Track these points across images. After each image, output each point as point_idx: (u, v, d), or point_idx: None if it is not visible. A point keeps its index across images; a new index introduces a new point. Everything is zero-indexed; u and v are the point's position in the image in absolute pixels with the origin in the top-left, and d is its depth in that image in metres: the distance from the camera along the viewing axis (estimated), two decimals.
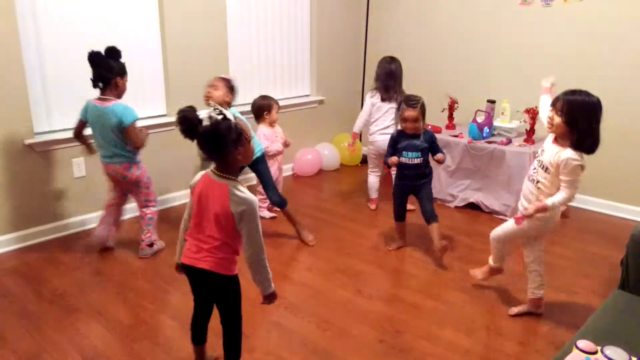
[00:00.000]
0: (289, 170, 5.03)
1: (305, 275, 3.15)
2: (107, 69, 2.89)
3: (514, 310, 2.71)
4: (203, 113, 1.78)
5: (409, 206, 3.98)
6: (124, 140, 2.99)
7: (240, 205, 1.83)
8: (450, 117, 4.47)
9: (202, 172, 1.96)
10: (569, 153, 2.26)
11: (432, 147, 3.26)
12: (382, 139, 3.94)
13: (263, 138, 3.80)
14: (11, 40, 3.13)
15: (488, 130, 4.15)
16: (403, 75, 3.99)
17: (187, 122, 1.77)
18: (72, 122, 3.16)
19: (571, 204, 4.17)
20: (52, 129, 3.46)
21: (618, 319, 1.93)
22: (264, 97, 3.89)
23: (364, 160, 5.28)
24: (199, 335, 2.16)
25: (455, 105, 4.41)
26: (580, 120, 2.22)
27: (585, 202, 4.24)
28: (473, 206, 4.16)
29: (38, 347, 2.41)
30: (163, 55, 3.96)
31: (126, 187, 3.20)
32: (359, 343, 2.48)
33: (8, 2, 3.08)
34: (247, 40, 4.55)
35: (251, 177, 4.60)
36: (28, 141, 3.31)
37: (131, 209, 3.91)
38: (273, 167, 3.89)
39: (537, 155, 2.48)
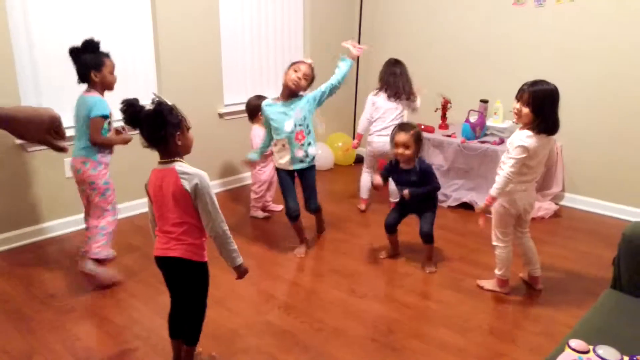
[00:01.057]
0: None
1: (299, 275, 3.14)
2: (81, 64, 2.84)
3: (483, 282, 2.96)
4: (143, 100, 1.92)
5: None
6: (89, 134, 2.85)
7: (192, 180, 1.92)
8: (444, 117, 4.47)
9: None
10: (520, 134, 2.55)
11: (424, 180, 3.08)
12: (378, 140, 3.93)
13: (258, 139, 3.78)
14: (1, 38, 3.11)
15: (481, 130, 4.16)
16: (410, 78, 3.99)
17: (131, 108, 1.91)
18: (64, 121, 3.12)
19: (563, 203, 4.24)
20: None
21: (610, 318, 1.94)
22: (258, 97, 3.86)
23: (358, 160, 5.28)
24: (175, 329, 2.22)
25: (449, 105, 4.42)
26: (545, 107, 2.48)
27: (578, 201, 4.26)
28: (466, 206, 4.17)
29: (30, 348, 2.39)
30: (156, 55, 3.94)
31: (82, 187, 2.96)
32: (353, 342, 2.48)
33: None
34: (240, 39, 4.53)
35: (245, 177, 4.61)
36: (19, 140, 3.28)
37: (123, 209, 3.89)
38: (268, 167, 3.88)
39: (507, 151, 2.68)
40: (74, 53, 2.83)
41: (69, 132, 3.07)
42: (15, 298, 2.81)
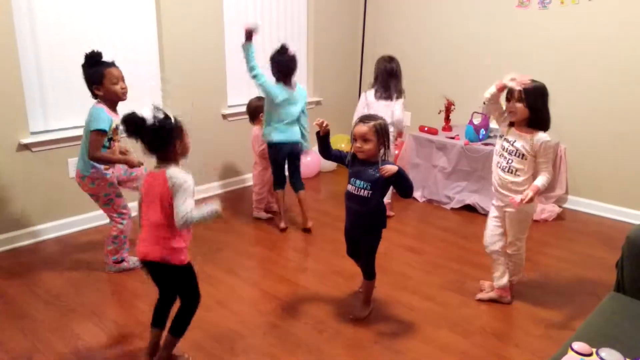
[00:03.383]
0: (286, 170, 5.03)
1: (301, 276, 3.14)
2: (85, 78, 2.79)
3: (481, 295, 2.88)
4: (144, 111, 1.98)
5: (389, 212, 3.95)
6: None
7: (173, 179, 2.00)
8: (447, 118, 4.47)
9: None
10: (543, 137, 2.52)
11: (392, 181, 2.46)
12: None
13: (258, 141, 3.78)
14: (7, 39, 3.12)
15: (484, 132, 4.16)
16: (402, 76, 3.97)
17: (133, 123, 1.97)
18: (68, 121, 3.13)
19: (567, 205, 4.23)
20: (48, 129, 3.45)
21: (613, 321, 1.93)
22: (259, 98, 3.86)
23: None
24: (157, 319, 2.26)
25: (452, 107, 4.42)
26: (538, 101, 2.52)
27: (581, 204, 4.25)
28: (469, 208, 4.16)
29: (31, 347, 2.40)
30: (160, 57, 3.95)
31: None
32: (355, 344, 2.48)
33: (4, 0, 3.07)
34: (243, 40, 4.53)
35: (247, 177, 4.61)
36: (24, 140, 3.30)
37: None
38: (269, 169, 3.87)
39: (504, 147, 2.63)
40: (82, 68, 2.78)
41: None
42: (17, 298, 2.81)
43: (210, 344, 2.44)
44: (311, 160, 4.95)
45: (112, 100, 2.81)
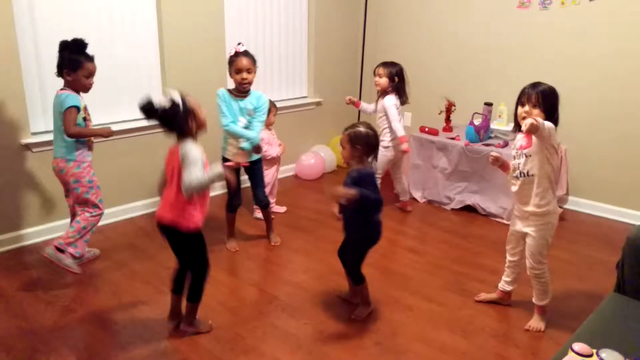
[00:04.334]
0: (290, 171, 5.05)
1: (302, 277, 3.14)
2: (60, 60, 2.84)
3: (533, 325, 2.66)
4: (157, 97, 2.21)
5: (407, 208, 3.96)
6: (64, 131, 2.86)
7: (182, 153, 2.20)
8: (448, 119, 4.47)
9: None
10: (548, 123, 2.37)
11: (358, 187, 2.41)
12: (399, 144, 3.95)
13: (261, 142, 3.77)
14: (8, 39, 3.13)
15: (485, 133, 4.16)
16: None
17: (146, 111, 2.20)
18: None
19: (567, 206, 4.22)
20: (48, 129, 3.45)
21: (613, 322, 1.93)
22: None
23: None
24: (175, 285, 2.51)
25: (453, 107, 4.42)
26: (554, 105, 2.44)
27: (582, 205, 4.24)
28: (470, 209, 4.16)
29: (32, 347, 2.40)
30: (160, 58, 3.95)
31: (65, 187, 3.04)
32: (355, 345, 2.48)
33: (5, 1, 3.08)
34: (244, 41, 4.52)
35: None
36: (25, 141, 3.30)
37: (123, 210, 3.90)
38: (271, 170, 3.87)
39: (516, 164, 2.51)
40: (60, 47, 2.83)
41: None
42: (17, 298, 2.82)
43: (211, 344, 2.44)
44: (315, 163, 4.95)
45: (76, 89, 2.89)
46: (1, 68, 3.13)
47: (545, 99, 2.41)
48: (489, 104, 4.24)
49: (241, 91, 3.21)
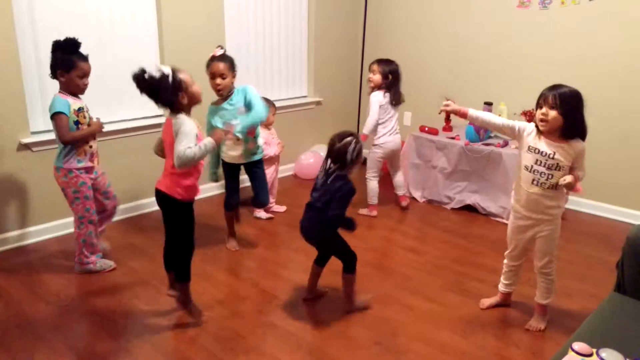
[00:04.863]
0: (289, 170, 5.05)
1: (301, 276, 3.13)
2: (52, 61, 2.79)
3: (486, 302, 2.79)
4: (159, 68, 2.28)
5: (365, 211, 4.00)
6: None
7: (175, 125, 2.29)
8: (448, 119, 4.44)
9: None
10: (583, 144, 2.39)
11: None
12: (392, 140, 3.96)
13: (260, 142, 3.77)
14: (7, 38, 3.13)
15: (485, 133, 4.16)
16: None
17: (140, 80, 2.25)
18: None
19: (568, 206, 4.22)
20: (48, 129, 3.45)
21: (614, 322, 1.93)
22: (264, 99, 3.85)
23: None
24: (168, 262, 2.63)
25: None
26: (574, 109, 2.33)
27: (582, 204, 4.24)
28: (470, 208, 4.16)
29: (33, 347, 2.40)
30: (160, 58, 3.95)
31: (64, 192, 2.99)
32: (355, 345, 2.48)
33: (5, 0, 3.08)
34: (244, 41, 4.54)
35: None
36: (24, 140, 3.30)
37: (122, 210, 3.90)
38: (270, 170, 3.87)
39: (540, 161, 2.40)
40: (53, 47, 2.78)
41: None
42: (18, 298, 2.81)
43: (211, 344, 2.44)
44: (315, 162, 4.94)
45: (70, 91, 2.84)
46: (1, 67, 3.13)
47: (563, 101, 2.30)
48: (488, 104, 4.24)
49: (221, 96, 3.15)
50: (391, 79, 3.90)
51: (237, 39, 4.46)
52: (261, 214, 3.97)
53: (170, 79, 2.26)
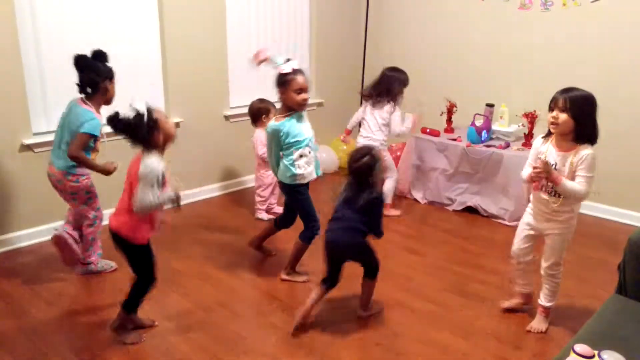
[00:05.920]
0: None
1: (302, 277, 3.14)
2: (96, 72, 2.75)
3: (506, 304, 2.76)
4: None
5: (394, 212, 4.00)
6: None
7: (142, 166, 2.20)
8: (449, 120, 4.47)
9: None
10: (589, 149, 2.35)
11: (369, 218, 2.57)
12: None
13: (260, 144, 3.77)
14: (10, 40, 3.13)
15: (486, 134, 4.15)
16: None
17: (115, 122, 2.20)
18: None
19: None
20: (50, 130, 3.45)
21: (615, 323, 1.93)
22: (261, 101, 3.86)
23: None
24: None
25: (454, 108, 4.42)
26: (585, 112, 2.31)
27: (583, 206, 4.16)
28: (471, 210, 4.16)
29: (34, 347, 2.40)
30: (162, 60, 3.96)
31: (62, 195, 2.97)
32: (357, 346, 2.47)
33: (7, 2, 3.08)
34: (246, 42, 4.54)
35: (248, 179, 4.60)
36: (26, 141, 3.30)
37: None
38: (271, 174, 3.86)
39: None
40: (84, 60, 2.75)
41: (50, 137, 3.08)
42: (19, 298, 2.82)
43: (211, 345, 2.44)
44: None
45: (108, 101, 2.85)
46: (3, 68, 3.13)
47: (574, 105, 2.27)
48: (490, 105, 4.24)
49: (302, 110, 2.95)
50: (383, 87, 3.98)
51: (239, 42, 4.46)
52: (263, 215, 3.97)
53: (145, 118, 2.20)
